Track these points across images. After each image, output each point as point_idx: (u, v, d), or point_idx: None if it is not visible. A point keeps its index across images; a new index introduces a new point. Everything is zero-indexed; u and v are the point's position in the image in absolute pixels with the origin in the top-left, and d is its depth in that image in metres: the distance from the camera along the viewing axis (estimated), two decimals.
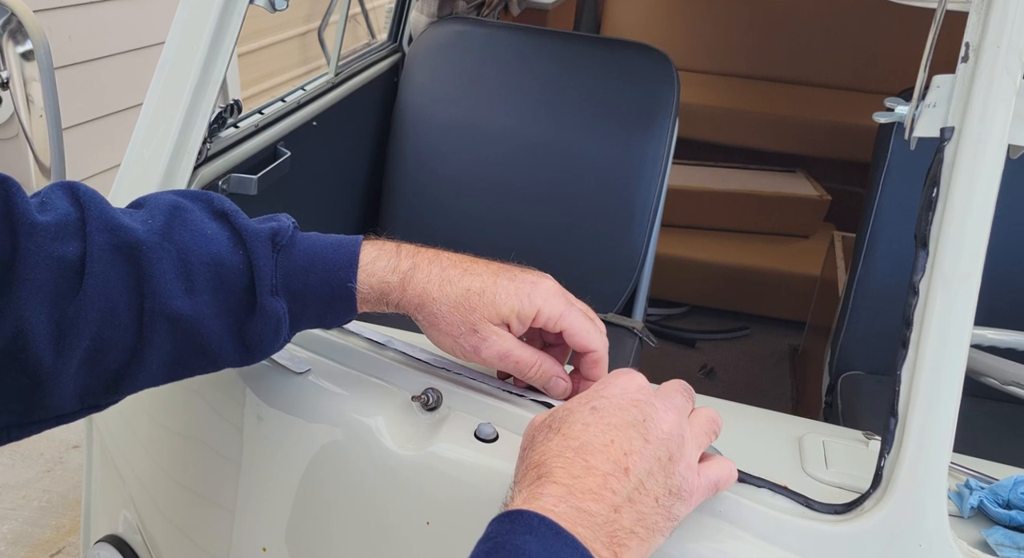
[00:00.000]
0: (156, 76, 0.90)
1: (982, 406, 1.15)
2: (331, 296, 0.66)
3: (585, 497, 0.51)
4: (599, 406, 0.56)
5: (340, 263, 0.66)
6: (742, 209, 2.65)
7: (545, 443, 0.55)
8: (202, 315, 0.63)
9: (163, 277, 0.61)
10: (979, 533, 0.62)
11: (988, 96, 0.56)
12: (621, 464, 0.53)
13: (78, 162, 2.49)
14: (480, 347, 0.66)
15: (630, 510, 0.52)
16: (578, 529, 0.50)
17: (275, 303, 0.64)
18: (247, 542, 0.78)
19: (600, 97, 1.63)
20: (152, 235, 0.62)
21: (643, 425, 0.55)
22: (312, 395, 0.73)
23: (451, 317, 0.66)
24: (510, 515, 0.51)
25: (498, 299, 0.66)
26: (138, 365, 0.62)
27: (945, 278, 0.56)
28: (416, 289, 0.66)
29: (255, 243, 0.65)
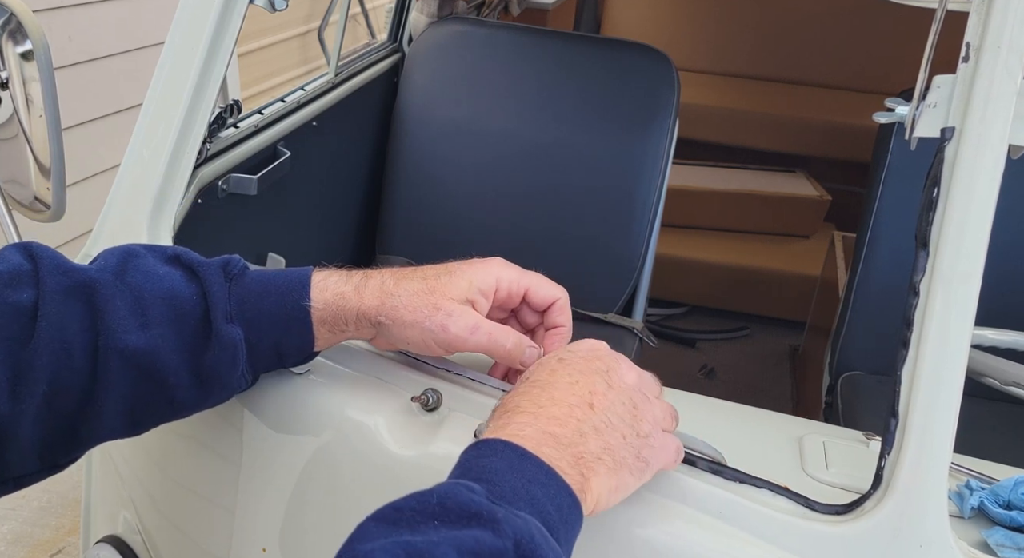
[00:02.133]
0: (156, 76, 0.90)
1: (982, 406, 1.15)
2: (286, 318, 0.65)
3: (550, 422, 0.54)
4: (565, 357, 0.60)
5: (292, 285, 0.66)
6: (742, 209, 2.65)
7: (514, 390, 0.58)
8: (157, 348, 0.61)
9: (116, 313, 0.61)
10: (979, 534, 0.62)
11: (989, 96, 0.56)
12: (586, 399, 0.56)
13: (78, 162, 2.49)
14: (447, 323, 0.64)
15: (596, 438, 0.54)
16: (543, 449, 0.52)
17: (231, 329, 0.63)
18: (247, 542, 0.77)
19: (600, 97, 1.63)
20: (105, 275, 0.62)
21: (607, 374, 0.58)
22: (312, 395, 0.73)
23: (412, 303, 0.65)
24: (477, 444, 0.53)
25: (455, 278, 0.66)
26: (94, 409, 0.61)
27: (945, 278, 0.56)
28: (372, 291, 0.65)
29: (207, 273, 0.65)
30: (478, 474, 0.50)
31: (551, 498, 0.50)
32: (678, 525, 0.61)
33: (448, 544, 0.44)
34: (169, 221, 0.89)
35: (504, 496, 0.48)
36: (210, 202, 1.16)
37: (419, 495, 0.47)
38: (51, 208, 0.88)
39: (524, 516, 0.47)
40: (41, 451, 0.61)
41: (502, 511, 0.46)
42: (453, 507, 0.46)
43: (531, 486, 0.50)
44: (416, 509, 0.46)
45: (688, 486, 0.62)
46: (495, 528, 0.45)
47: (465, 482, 0.49)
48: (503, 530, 0.45)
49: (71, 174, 0.94)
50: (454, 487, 0.48)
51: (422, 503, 0.47)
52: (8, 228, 0.90)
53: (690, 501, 0.61)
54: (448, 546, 0.43)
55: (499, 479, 0.49)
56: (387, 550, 0.43)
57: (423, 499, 0.47)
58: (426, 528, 0.45)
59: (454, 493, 0.47)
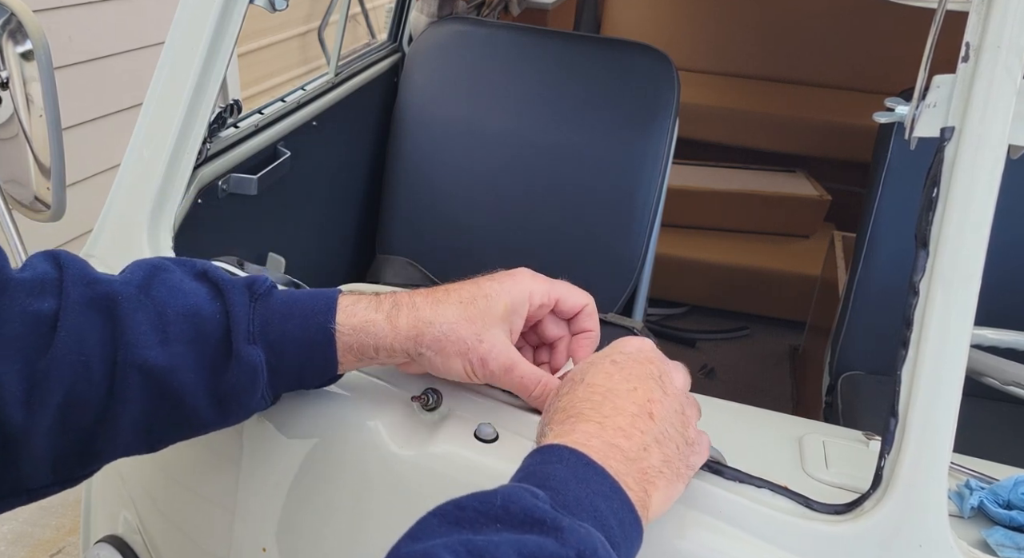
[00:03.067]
0: (156, 76, 0.90)
1: (982, 406, 1.15)
2: (310, 342, 0.63)
3: (616, 434, 0.53)
4: (618, 360, 0.59)
5: (318, 308, 0.64)
6: (742, 209, 2.65)
7: (571, 393, 0.57)
8: (175, 367, 0.60)
9: (138, 328, 0.59)
10: (979, 533, 0.62)
11: (988, 96, 0.56)
12: (646, 409, 0.55)
13: (78, 162, 2.49)
14: (487, 358, 0.64)
15: (657, 450, 0.54)
16: (610, 463, 0.51)
17: (252, 351, 0.62)
18: (247, 542, 0.77)
19: (600, 97, 1.63)
20: (129, 288, 0.61)
21: (660, 379, 0.58)
22: (312, 395, 0.73)
23: (455, 333, 0.63)
24: (542, 449, 0.52)
25: (491, 300, 0.65)
26: (110, 424, 0.60)
27: (945, 278, 0.56)
28: (407, 320, 0.64)
29: (232, 292, 0.63)
30: (542, 480, 0.49)
31: (614, 512, 0.49)
32: (678, 525, 0.61)
33: (510, 546, 0.43)
34: (169, 221, 0.89)
35: (567, 505, 0.47)
36: (210, 202, 1.16)
37: (482, 495, 0.47)
38: (51, 208, 0.88)
39: (588, 528, 0.46)
40: (55, 464, 0.60)
41: (566, 521, 0.45)
42: (516, 511, 0.45)
43: (595, 498, 0.49)
44: (479, 510, 0.46)
45: (688, 486, 0.62)
46: (559, 537, 0.44)
47: (529, 487, 0.48)
48: (567, 539, 0.44)
49: (71, 174, 0.94)
50: (518, 491, 0.47)
51: (485, 504, 0.46)
52: (8, 228, 0.90)
53: (690, 501, 0.61)
54: (509, 548, 0.43)
55: (563, 487, 0.48)
56: (449, 547, 0.42)
57: (486, 500, 0.46)
58: (488, 530, 0.45)
59: (518, 497, 0.46)
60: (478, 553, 0.42)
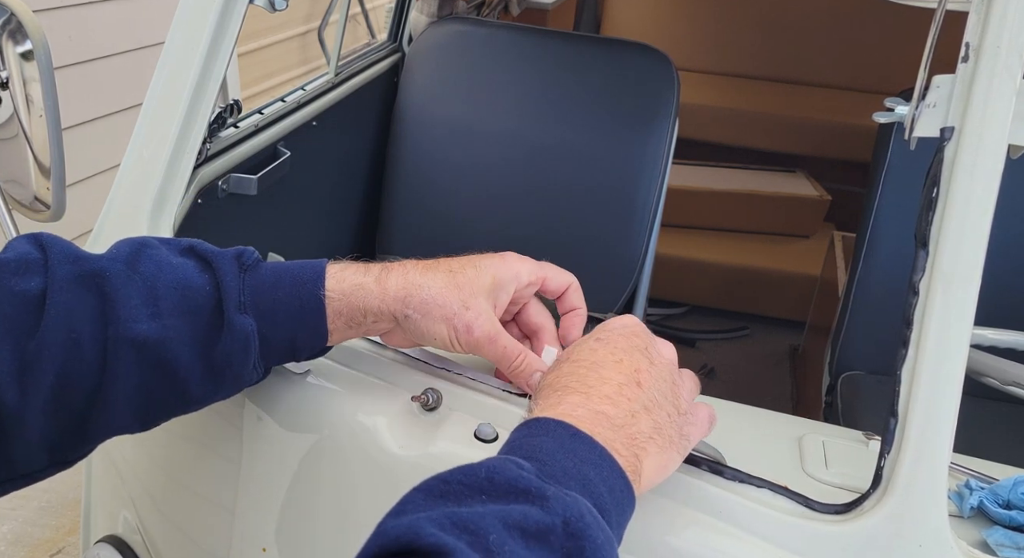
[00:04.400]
0: (156, 76, 0.90)
1: (982, 406, 1.15)
2: (301, 309, 0.64)
3: (603, 402, 0.53)
4: (603, 337, 0.60)
5: (307, 275, 0.64)
6: (742, 209, 2.65)
7: (556, 370, 0.58)
8: (168, 339, 0.60)
9: (128, 302, 0.59)
10: (979, 533, 0.62)
11: (988, 96, 0.56)
12: (633, 378, 0.56)
13: (78, 162, 2.49)
14: (473, 325, 0.64)
15: (647, 417, 0.54)
16: (598, 430, 0.51)
17: (243, 320, 0.62)
18: (247, 542, 0.78)
19: (600, 97, 1.63)
20: (116, 263, 0.61)
21: (646, 350, 0.58)
22: (312, 395, 0.73)
23: (442, 297, 0.64)
24: (528, 422, 0.52)
25: (479, 271, 0.66)
26: (103, 401, 0.59)
27: (945, 278, 0.56)
28: (397, 282, 0.64)
29: (221, 263, 0.63)
30: (528, 452, 0.49)
31: (604, 480, 0.49)
32: (678, 525, 0.61)
33: (494, 516, 0.43)
34: (169, 221, 0.89)
35: (554, 476, 0.47)
36: (210, 202, 1.16)
37: (467, 468, 0.47)
38: (51, 208, 0.88)
39: (574, 495, 0.46)
40: (50, 445, 0.60)
41: (552, 489, 0.46)
42: (501, 482, 0.46)
43: (584, 467, 0.49)
44: (464, 482, 0.46)
45: (688, 486, 0.62)
46: (544, 505, 0.44)
47: (515, 459, 0.48)
48: (552, 507, 0.44)
49: (71, 174, 0.94)
50: (503, 462, 0.47)
51: (470, 476, 0.46)
52: (8, 228, 0.90)
53: (690, 501, 0.61)
54: (494, 518, 0.43)
55: (550, 458, 0.48)
56: (433, 520, 0.42)
57: (471, 472, 0.46)
58: (473, 502, 0.45)
59: (503, 468, 0.46)
60: (463, 524, 0.42)
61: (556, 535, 0.43)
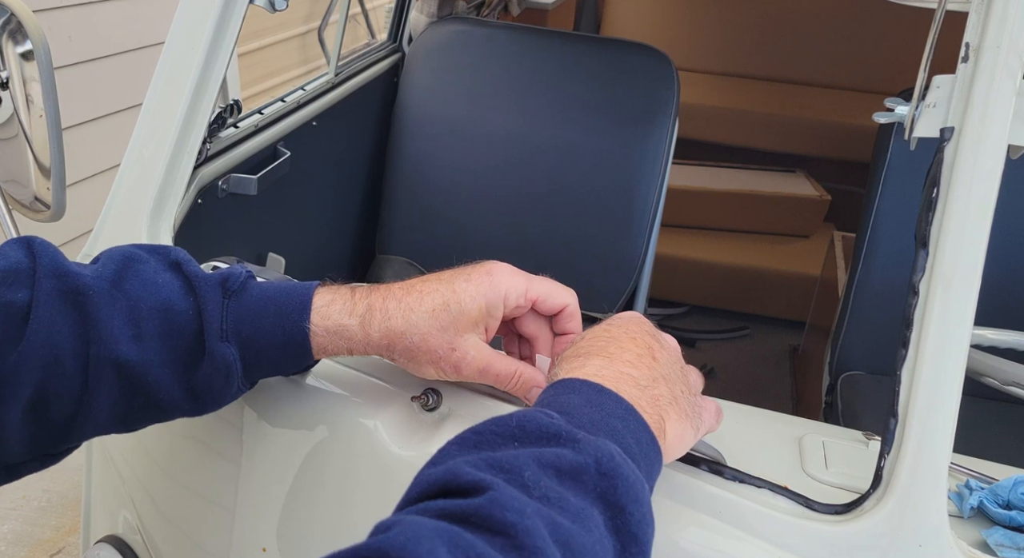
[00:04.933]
0: (156, 76, 0.90)
1: (982, 406, 1.15)
2: (284, 341, 0.64)
3: (626, 365, 0.55)
4: (613, 322, 0.61)
5: (293, 306, 0.64)
6: (742, 209, 2.65)
7: (573, 346, 0.59)
8: (149, 362, 0.61)
9: (110, 322, 0.60)
10: (979, 533, 0.62)
11: (988, 96, 0.56)
12: (648, 353, 0.57)
13: (78, 162, 2.49)
14: (460, 365, 0.64)
15: (665, 386, 0.56)
16: (624, 387, 0.53)
17: (224, 349, 0.62)
18: (247, 542, 0.77)
19: (600, 97, 1.63)
20: (101, 282, 0.61)
21: (655, 337, 0.61)
22: (312, 395, 0.73)
23: (426, 344, 0.63)
24: (555, 384, 0.54)
25: (464, 306, 0.63)
26: (85, 415, 0.60)
27: (945, 278, 0.56)
28: (380, 330, 0.63)
29: (204, 289, 0.63)
30: (557, 407, 0.50)
31: (631, 431, 0.51)
32: (678, 525, 0.61)
33: (528, 456, 0.45)
34: (169, 221, 0.89)
35: (583, 426, 0.49)
36: (210, 202, 1.16)
37: (498, 419, 0.48)
38: (51, 208, 0.88)
39: (603, 440, 0.48)
40: (31, 445, 0.60)
41: (582, 434, 0.47)
42: (532, 429, 0.47)
43: (611, 419, 0.50)
44: (496, 432, 0.47)
45: (688, 486, 0.62)
46: (575, 447, 0.46)
47: (544, 410, 0.49)
48: (583, 448, 0.46)
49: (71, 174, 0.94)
50: (533, 412, 0.48)
51: (501, 426, 0.48)
52: (8, 228, 0.90)
53: (690, 501, 0.61)
54: (528, 458, 0.44)
55: (577, 411, 0.50)
56: (468, 461, 0.44)
57: (502, 422, 0.48)
58: (506, 448, 0.46)
59: (532, 417, 0.48)
60: (497, 465, 0.44)
61: (589, 474, 0.45)
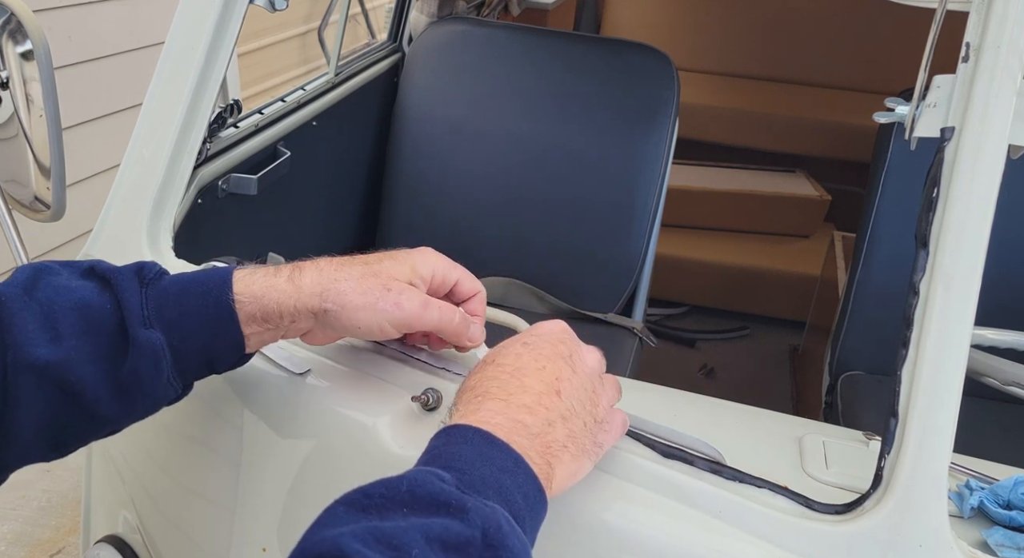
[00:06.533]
0: (156, 76, 0.90)
1: (982, 406, 1.15)
2: (210, 317, 0.62)
3: (521, 410, 0.55)
4: (530, 341, 0.61)
5: (213, 283, 0.62)
6: (742, 209, 2.65)
7: (480, 372, 0.58)
8: (70, 360, 0.58)
9: (25, 327, 0.57)
10: (979, 533, 0.62)
11: (988, 96, 0.56)
12: (553, 387, 0.57)
13: (78, 162, 2.49)
14: (400, 301, 0.63)
15: (563, 426, 0.56)
16: (514, 437, 0.53)
17: (149, 335, 0.60)
18: (247, 542, 0.77)
19: (600, 97, 1.63)
20: (12, 288, 0.59)
21: (570, 359, 0.60)
22: (312, 395, 0.73)
23: (361, 286, 0.63)
24: (448, 430, 0.53)
25: (396, 263, 0.65)
26: (8, 432, 0.57)
27: (945, 278, 0.56)
28: (310, 279, 0.63)
29: (120, 280, 0.61)
30: (448, 461, 0.50)
31: (519, 487, 0.51)
32: (678, 525, 0.61)
33: (417, 530, 0.44)
34: (169, 221, 0.89)
35: (473, 485, 0.49)
36: (210, 202, 1.16)
37: (388, 481, 0.48)
38: (51, 208, 0.88)
39: (492, 505, 0.48)
40: None
41: (471, 501, 0.47)
42: (423, 495, 0.47)
43: (500, 475, 0.50)
44: (385, 495, 0.47)
45: (688, 486, 0.62)
46: (463, 518, 0.46)
47: (435, 470, 0.49)
48: (471, 520, 0.46)
49: (71, 174, 0.94)
50: (424, 475, 0.48)
51: (391, 490, 0.47)
52: (8, 228, 0.90)
53: (690, 501, 0.61)
54: (417, 532, 0.44)
55: (469, 467, 0.50)
56: (356, 535, 0.43)
57: (392, 486, 0.47)
58: (395, 515, 0.46)
59: (423, 481, 0.47)
60: (385, 540, 0.43)
61: (475, 546, 0.45)
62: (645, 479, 0.63)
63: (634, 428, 0.65)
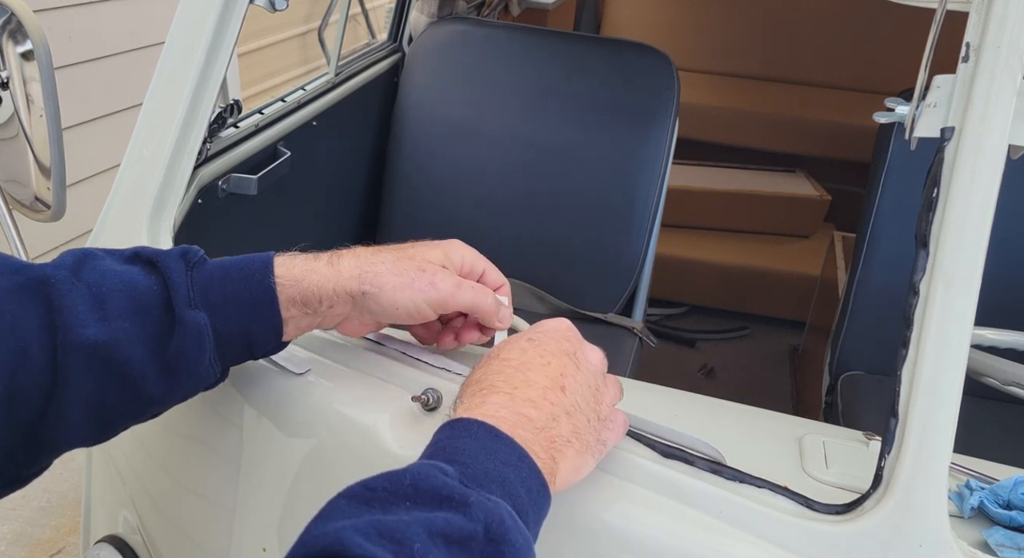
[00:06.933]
0: (156, 76, 0.90)
1: (982, 406, 1.15)
2: (252, 300, 0.63)
3: (525, 404, 0.55)
4: (535, 337, 0.61)
5: (255, 266, 0.64)
6: (742, 209, 2.65)
7: (485, 366, 0.59)
8: (119, 340, 0.59)
9: (74, 308, 0.58)
10: (979, 533, 0.62)
11: (988, 96, 0.56)
12: (558, 382, 0.57)
13: (78, 162, 2.49)
14: (435, 281, 0.66)
15: (567, 422, 0.56)
16: (518, 431, 0.53)
17: (194, 315, 0.61)
18: (247, 542, 0.78)
19: (600, 97, 1.63)
20: (60, 271, 0.60)
21: (574, 356, 0.60)
22: (312, 395, 0.73)
23: (397, 268, 0.66)
24: (452, 423, 0.54)
25: (428, 249, 0.69)
26: (57, 411, 0.58)
27: (945, 278, 0.56)
28: (349, 263, 0.66)
29: (167, 263, 0.63)
30: (451, 455, 0.50)
31: (522, 481, 0.51)
32: (678, 525, 0.61)
33: (419, 524, 0.44)
34: (169, 221, 0.89)
35: (476, 479, 0.49)
36: (210, 202, 1.16)
37: (391, 475, 0.48)
38: (51, 208, 0.88)
39: (495, 500, 0.48)
40: (2, 462, 0.58)
41: (474, 495, 0.47)
42: (426, 489, 0.47)
43: (504, 468, 0.50)
44: (388, 489, 0.47)
45: (688, 486, 0.62)
46: (466, 512, 0.46)
47: (438, 464, 0.49)
48: (474, 514, 0.46)
49: (71, 174, 0.94)
50: (427, 469, 0.48)
51: (394, 483, 0.47)
52: (8, 228, 0.90)
53: (690, 501, 0.61)
54: (419, 527, 0.44)
55: (472, 461, 0.50)
56: (358, 528, 0.43)
57: (395, 479, 0.47)
58: (397, 509, 0.46)
59: (427, 475, 0.47)
60: (388, 534, 0.43)
61: (477, 541, 0.45)
62: (645, 479, 0.63)
63: (634, 428, 0.65)
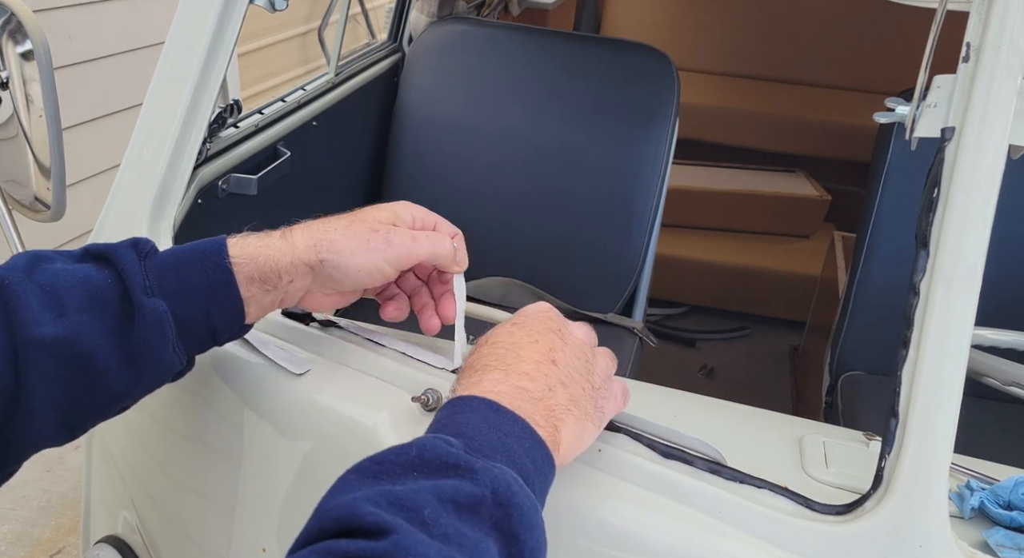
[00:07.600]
0: (156, 76, 0.90)
1: (982, 406, 1.15)
2: (210, 283, 0.63)
3: (521, 378, 0.56)
4: (519, 321, 0.63)
5: (209, 249, 0.64)
6: (742, 209, 2.65)
7: (476, 352, 0.60)
8: (79, 335, 0.58)
9: (30, 307, 0.57)
10: (980, 534, 0.62)
11: (989, 96, 0.56)
12: (548, 356, 0.59)
13: (78, 162, 2.49)
14: (390, 237, 0.67)
15: (563, 391, 0.57)
16: (518, 403, 0.54)
17: (153, 302, 0.61)
18: (247, 542, 0.78)
19: (600, 97, 1.63)
20: (13, 271, 0.59)
21: (559, 332, 0.62)
22: (312, 395, 0.73)
23: (349, 232, 0.67)
24: (453, 401, 0.55)
25: (376, 211, 0.70)
26: (22, 412, 0.57)
27: (945, 278, 0.56)
28: (302, 234, 0.66)
29: (119, 254, 0.63)
30: (455, 429, 0.51)
31: (527, 451, 0.52)
32: (678, 525, 0.61)
33: (428, 492, 0.45)
34: (169, 221, 0.89)
35: (481, 449, 0.50)
36: (210, 202, 1.16)
37: (398, 448, 0.49)
38: (51, 208, 0.88)
39: (501, 467, 0.49)
40: None
41: (480, 462, 0.48)
42: (432, 459, 0.48)
43: (508, 439, 0.51)
44: (395, 461, 0.48)
45: (688, 486, 0.62)
46: (473, 478, 0.47)
47: (443, 436, 0.50)
48: (481, 480, 0.47)
49: (71, 174, 0.94)
50: (432, 440, 0.49)
51: (401, 456, 0.48)
52: (8, 228, 0.90)
53: (690, 501, 0.61)
54: (428, 493, 0.45)
55: (476, 434, 0.51)
56: (369, 498, 0.44)
57: (402, 452, 0.48)
58: (406, 479, 0.47)
59: (432, 446, 0.48)
60: (398, 502, 0.44)
61: (486, 505, 0.46)
62: (645, 479, 0.63)
63: (634, 428, 0.65)
